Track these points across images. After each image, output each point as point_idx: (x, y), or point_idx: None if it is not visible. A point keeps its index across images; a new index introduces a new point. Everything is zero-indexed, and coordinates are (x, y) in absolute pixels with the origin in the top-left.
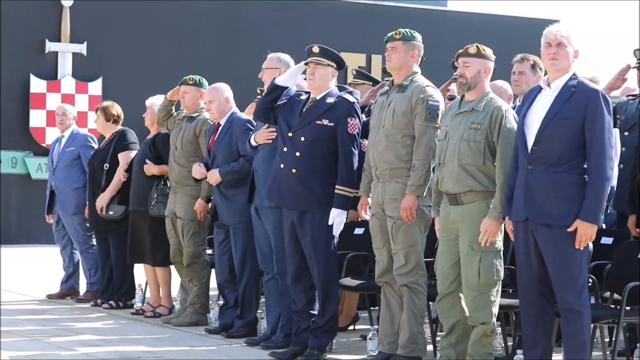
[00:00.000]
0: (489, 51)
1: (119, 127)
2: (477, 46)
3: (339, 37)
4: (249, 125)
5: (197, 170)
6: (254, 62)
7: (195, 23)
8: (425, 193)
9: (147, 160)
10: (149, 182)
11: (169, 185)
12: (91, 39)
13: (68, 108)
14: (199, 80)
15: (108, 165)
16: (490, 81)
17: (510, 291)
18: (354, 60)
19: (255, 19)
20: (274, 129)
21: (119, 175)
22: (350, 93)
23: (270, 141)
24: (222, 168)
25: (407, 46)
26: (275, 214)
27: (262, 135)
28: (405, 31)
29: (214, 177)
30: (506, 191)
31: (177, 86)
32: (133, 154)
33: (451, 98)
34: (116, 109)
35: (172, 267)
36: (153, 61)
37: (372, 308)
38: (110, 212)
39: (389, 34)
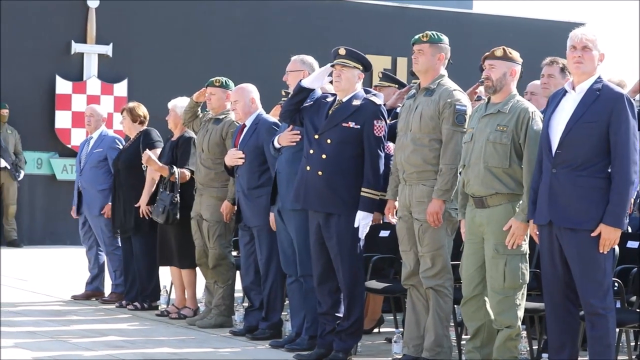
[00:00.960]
0: (515, 54)
1: (144, 127)
2: (503, 49)
3: (364, 40)
4: (275, 127)
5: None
6: (280, 64)
7: (221, 25)
8: (452, 196)
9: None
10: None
11: (177, 190)
12: (117, 40)
13: (97, 109)
14: (226, 82)
15: (145, 166)
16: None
17: (536, 295)
18: (379, 63)
19: (281, 20)
20: (298, 132)
21: (152, 175)
22: (374, 95)
23: (294, 144)
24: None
25: (434, 49)
26: (298, 216)
27: (286, 138)
28: (433, 34)
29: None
30: (530, 194)
31: (203, 88)
32: (159, 151)
33: (478, 100)
34: (142, 110)
35: (197, 268)
36: (179, 63)
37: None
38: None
39: (416, 37)
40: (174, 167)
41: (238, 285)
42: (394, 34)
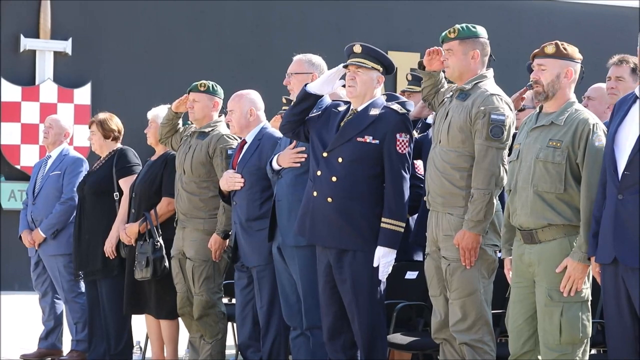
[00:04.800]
0: (572, 49)
1: (118, 145)
2: (556, 44)
3: (387, 34)
4: None
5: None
6: (284, 67)
7: (212, 18)
8: (488, 229)
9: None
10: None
11: (156, 237)
12: (77, 34)
13: (61, 121)
14: (213, 87)
15: (118, 194)
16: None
17: (603, 351)
18: (406, 61)
19: (286, 15)
20: (303, 149)
21: (125, 206)
22: (402, 104)
23: (298, 165)
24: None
25: (465, 46)
26: (303, 254)
27: (288, 157)
28: (462, 27)
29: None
30: (592, 225)
31: (185, 95)
32: (135, 177)
33: (522, 110)
34: (116, 123)
35: (179, 319)
36: (155, 63)
37: None
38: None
39: (443, 33)
40: (147, 213)
41: (230, 340)
42: (424, 26)
